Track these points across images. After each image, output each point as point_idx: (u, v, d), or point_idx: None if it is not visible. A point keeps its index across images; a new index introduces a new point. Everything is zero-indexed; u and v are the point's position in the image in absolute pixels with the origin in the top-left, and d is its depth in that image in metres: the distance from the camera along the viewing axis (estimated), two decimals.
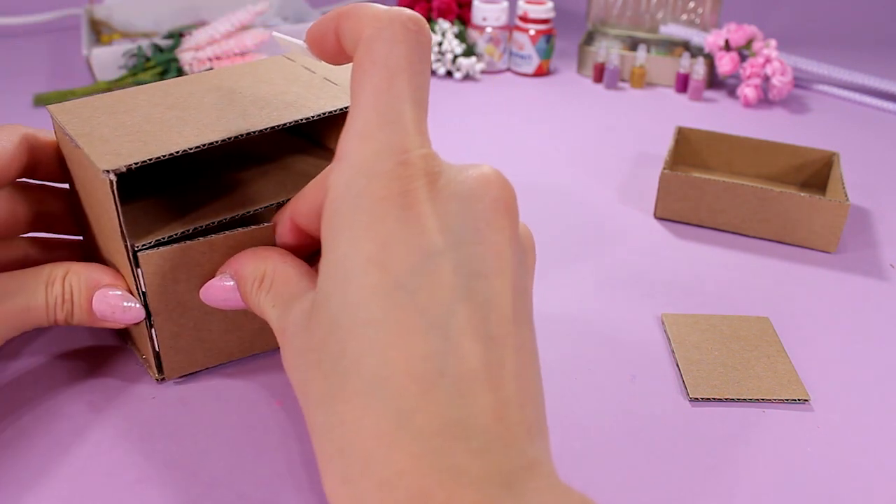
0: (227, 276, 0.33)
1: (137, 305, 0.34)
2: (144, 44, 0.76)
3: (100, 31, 0.87)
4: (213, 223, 0.35)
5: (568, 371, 0.40)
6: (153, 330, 0.35)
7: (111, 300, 0.34)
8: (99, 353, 0.39)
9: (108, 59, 0.75)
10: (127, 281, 0.35)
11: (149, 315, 0.35)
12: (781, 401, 0.38)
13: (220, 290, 0.34)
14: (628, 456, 0.35)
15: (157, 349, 0.36)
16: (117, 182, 0.31)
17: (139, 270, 0.33)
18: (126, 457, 0.33)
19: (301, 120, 0.36)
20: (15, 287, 0.33)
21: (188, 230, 0.34)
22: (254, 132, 0.34)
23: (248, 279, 0.32)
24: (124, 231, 0.32)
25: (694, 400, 0.38)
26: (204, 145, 0.33)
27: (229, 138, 0.34)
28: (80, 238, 0.40)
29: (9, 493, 0.31)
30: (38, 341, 0.40)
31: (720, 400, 0.38)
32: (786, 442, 0.36)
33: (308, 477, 0.33)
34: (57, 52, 0.89)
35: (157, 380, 0.37)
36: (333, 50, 0.29)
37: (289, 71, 0.40)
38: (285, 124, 0.35)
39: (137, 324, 0.35)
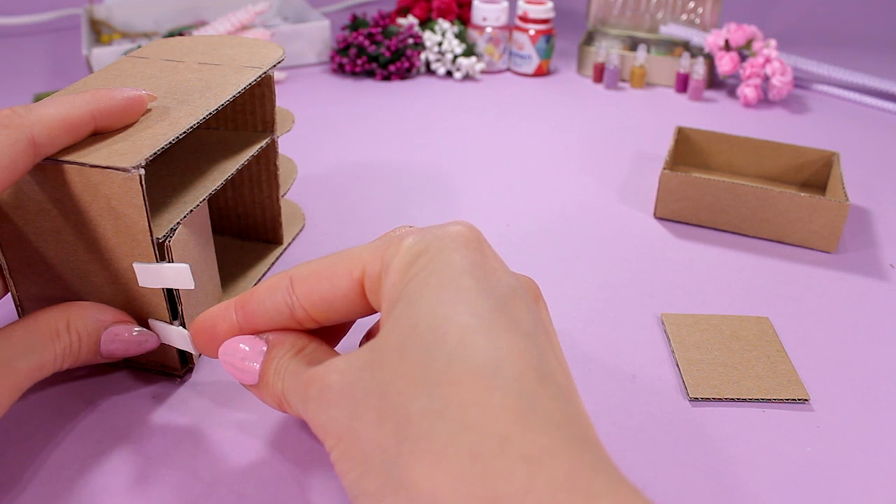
0: (263, 341, 0.31)
1: (152, 334, 0.35)
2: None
3: (100, 31, 0.87)
4: (204, 198, 0.36)
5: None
6: (184, 320, 0.35)
7: (124, 338, 0.34)
8: None
9: (108, 59, 0.75)
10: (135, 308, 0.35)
11: (175, 310, 0.35)
12: (781, 401, 0.38)
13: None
14: (628, 456, 0.35)
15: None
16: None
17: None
18: (126, 456, 0.33)
19: (237, 94, 0.37)
20: (21, 347, 0.32)
21: (191, 209, 0.35)
22: (218, 108, 0.36)
23: (286, 345, 0.31)
24: (151, 226, 0.32)
25: (694, 400, 0.38)
26: (191, 127, 0.34)
27: (206, 115, 0.35)
28: None
29: (6, 492, 0.31)
30: None
31: (720, 400, 0.38)
32: (786, 442, 0.36)
33: (308, 477, 0.33)
34: (57, 52, 0.89)
35: (179, 377, 0.38)
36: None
37: (172, 65, 0.40)
38: (232, 97, 0.37)
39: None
